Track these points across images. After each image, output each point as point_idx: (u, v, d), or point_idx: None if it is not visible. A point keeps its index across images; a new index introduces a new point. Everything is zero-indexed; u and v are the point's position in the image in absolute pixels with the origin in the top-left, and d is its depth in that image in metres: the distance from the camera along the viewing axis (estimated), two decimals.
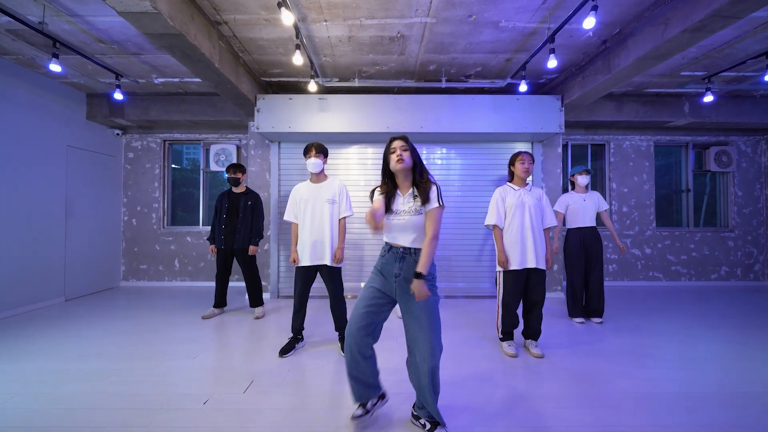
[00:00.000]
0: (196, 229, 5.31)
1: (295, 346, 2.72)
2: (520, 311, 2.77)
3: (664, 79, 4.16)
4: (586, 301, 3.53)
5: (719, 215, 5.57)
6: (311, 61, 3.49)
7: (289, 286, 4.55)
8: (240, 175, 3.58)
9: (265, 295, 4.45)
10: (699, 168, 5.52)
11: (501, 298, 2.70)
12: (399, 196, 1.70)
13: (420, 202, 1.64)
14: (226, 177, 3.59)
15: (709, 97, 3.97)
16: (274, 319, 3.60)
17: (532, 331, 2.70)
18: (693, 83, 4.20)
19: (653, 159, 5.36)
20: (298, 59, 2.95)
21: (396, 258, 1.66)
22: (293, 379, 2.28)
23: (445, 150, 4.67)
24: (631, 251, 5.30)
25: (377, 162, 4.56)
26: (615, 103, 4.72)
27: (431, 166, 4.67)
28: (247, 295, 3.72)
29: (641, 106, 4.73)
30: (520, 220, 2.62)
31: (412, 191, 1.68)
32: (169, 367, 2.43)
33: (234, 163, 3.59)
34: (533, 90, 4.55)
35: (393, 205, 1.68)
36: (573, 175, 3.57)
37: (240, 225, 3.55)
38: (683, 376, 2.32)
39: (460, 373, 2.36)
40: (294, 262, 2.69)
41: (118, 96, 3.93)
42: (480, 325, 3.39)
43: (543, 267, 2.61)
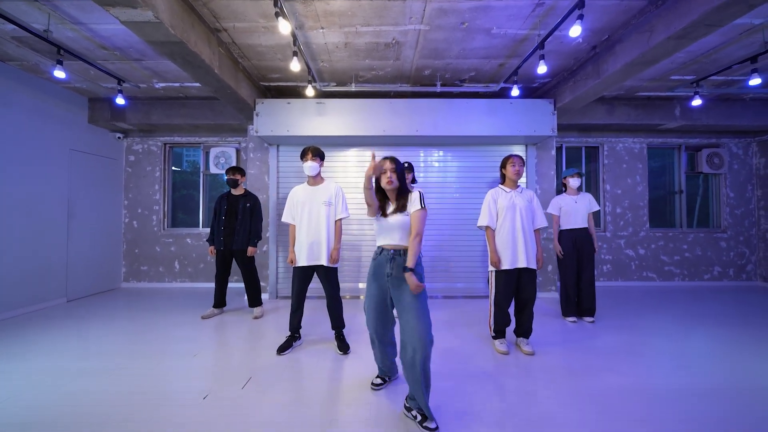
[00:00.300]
0: (196, 230, 5.38)
1: (293, 344, 2.79)
2: (512, 310, 2.85)
3: (654, 83, 4.25)
4: (579, 300, 3.60)
5: (712, 216, 5.65)
6: (308, 67, 3.57)
7: (288, 287, 4.62)
8: (239, 177, 3.66)
9: (264, 296, 4.52)
10: (691, 170, 5.62)
11: (493, 297, 2.78)
12: (390, 205, 1.97)
13: (404, 207, 1.91)
14: (226, 179, 3.67)
15: (697, 101, 4.06)
16: (272, 319, 3.67)
17: (524, 330, 2.77)
18: (683, 87, 4.29)
19: (646, 161, 5.45)
20: (296, 65, 3.03)
21: (387, 259, 1.92)
22: (290, 375, 2.34)
23: (442, 153, 4.76)
24: (625, 252, 5.38)
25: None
26: (607, 107, 4.81)
27: (429, 169, 4.75)
28: (246, 296, 3.78)
29: (633, 110, 4.82)
30: (512, 221, 2.70)
31: (398, 201, 1.95)
32: (169, 365, 2.50)
33: (233, 166, 3.67)
34: (527, 94, 4.64)
35: (385, 209, 1.96)
36: (565, 177, 3.65)
37: (239, 226, 3.62)
38: (671, 372, 2.39)
39: (452, 369, 2.43)
40: (291, 262, 2.76)
41: (120, 101, 4.02)
42: (475, 324, 3.46)
43: (534, 267, 2.69)
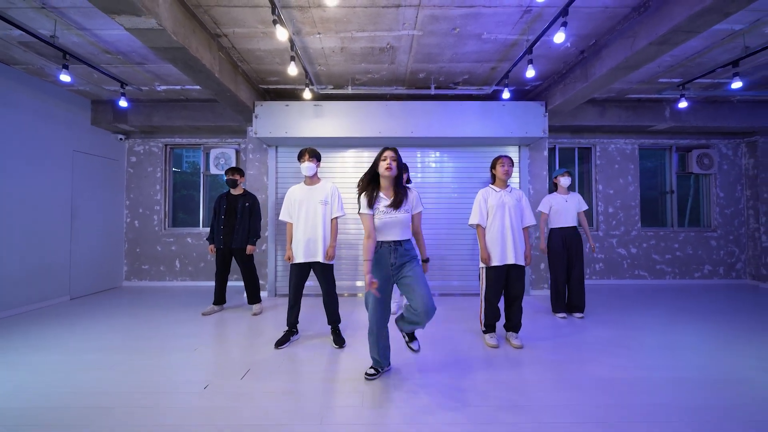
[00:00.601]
0: (196, 230, 5.49)
1: (290, 338, 2.89)
2: (502, 305, 2.96)
3: (643, 85, 4.37)
4: (568, 297, 3.70)
5: (702, 216, 5.76)
6: (306, 70, 3.69)
7: (286, 285, 4.70)
8: (238, 177, 3.76)
9: (263, 294, 4.63)
10: (682, 170, 5.73)
11: (484, 292, 2.88)
12: (382, 198, 2.08)
13: (402, 206, 2.06)
14: (225, 179, 3.77)
15: (683, 103, 4.18)
16: (271, 316, 3.77)
17: (513, 324, 2.87)
18: (671, 90, 4.40)
19: (638, 162, 5.56)
20: (293, 69, 3.14)
21: (389, 251, 2.09)
22: (287, 368, 2.44)
23: (438, 154, 4.87)
24: (617, 251, 5.49)
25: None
26: (598, 109, 4.92)
27: (425, 169, 4.87)
28: (245, 293, 3.89)
29: (623, 111, 4.94)
30: (501, 219, 2.80)
31: (395, 198, 2.07)
32: (170, 359, 2.59)
33: (233, 167, 3.77)
34: (519, 96, 4.75)
35: (378, 204, 2.07)
36: (556, 177, 3.76)
37: (238, 225, 3.73)
38: (653, 363, 2.49)
39: (443, 361, 2.53)
40: (289, 259, 2.86)
41: (123, 103, 4.13)
42: (468, 320, 3.55)
43: (522, 263, 2.79)
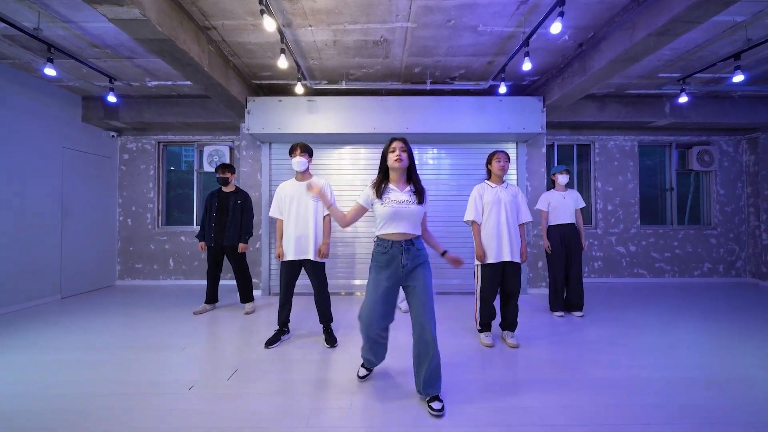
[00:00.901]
0: (190, 228, 5.41)
1: (281, 338, 2.83)
2: (497, 304, 2.89)
3: (642, 80, 4.29)
4: (567, 295, 3.64)
5: (702, 213, 5.69)
6: (298, 65, 3.61)
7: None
8: (229, 174, 3.68)
9: (256, 292, 4.56)
10: (682, 167, 5.66)
11: (479, 290, 2.81)
12: (393, 190, 1.95)
13: (418, 198, 1.95)
14: (216, 177, 3.69)
15: (683, 98, 4.10)
16: (264, 315, 3.70)
17: (508, 323, 2.80)
18: (671, 84, 4.33)
19: (637, 158, 5.49)
20: (283, 63, 3.07)
21: (400, 251, 1.91)
22: (276, 368, 2.38)
23: (435, 150, 4.79)
24: (616, 248, 5.42)
25: (369, 162, 4.68)
26: (597, 104, 4.85)
27: (423, 166, 4.79)
28: (238, 292, 3.82)
29: (623, 107, 4.86)
30: (497, 216, 2.74)
31: (410, 188, 1.97)
32: (157, 358, 2.53)
33: (223, 164, 3.69)
34: (516, 92, 4.68)
35: (387, 195, 1.93)
36: (554, 174, 3.69)
37: (230, 223, 3.65)
38: (653, 363, 2.42)
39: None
40: (279, 256, 2.80)
41: (112, 99, 4.05)
42: (464, 318, 3.49)
43: (518, 260, 2.73)
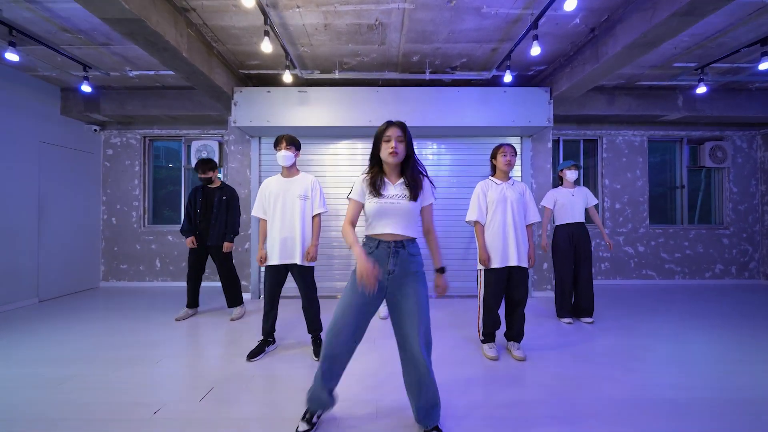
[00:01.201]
0: (177, 227, 5.15)
1: (265, 349, 2.58)
2: (502, 312, 2.64)
3: (656, 71, 4.03)
4: (575, 300, 3.40)
5: (714, 212, 5.44)
6: (286, 51, 3.33)
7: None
8: (211, 173, 3.40)
9: (246, 296, 4.31)
10: (693, 164, 5.40)
11: (482, 297, 2.57)
12: (388, 184, 1.61)
13: (411, 193, 1.58)
14: (199, 177, 3.41)
15: (702, 89, 3.84)
16: (252, 321, 3.45)
17: (514, 333, 2.56)
18: (686, 75, 4.06)
19: (647, 155, 5.23)
20: (267, 46, 2.79)
21: (388, 254, 1.55)
22: (258, 385, 2.13)
23: (435, 145, 4.53)
24: (624, 249, 5.18)
25: (366, 157, 4.41)
26: (607, 97, 4.59)
27: (422, 162, 4.52)
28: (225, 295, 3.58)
29: (634, 100, 4.60)
30: (502, 215, 2.49)
31: (403, 181, 1.62)
32: (126, 374, 2.28)
33: (202, 159, 3.38)
34: (522, 83, 4.41)
35: (382, 191, 1.58)
36: (561, 170, 3.44)
37: (214, 221, 3.39)
38: (674, 381, 2.18)
39: (438, 376, 2.21)
40: (261, 261, 2.55)
41: (86, 88, 3.78)
42: (466, 326, 3.24)
43: (525, 265, 2.48)
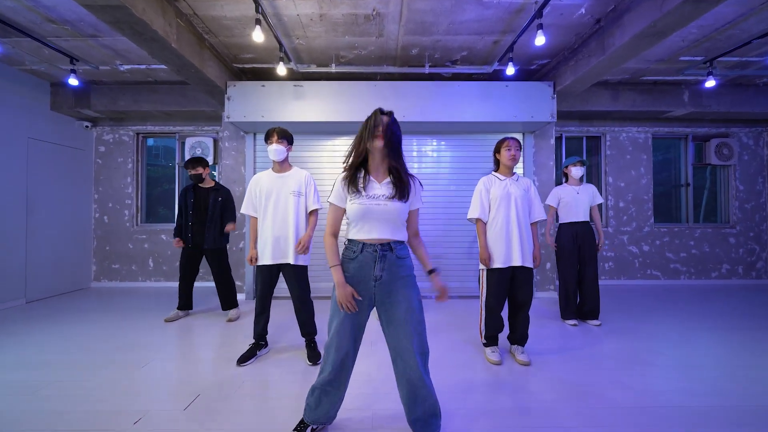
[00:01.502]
0: (171, 226, 5.02)
1: (257, 353, 2.46)
2: (505, 314, 2.53)
3: (662, 65, 3.91)
4: (580, 301, 3.28)
5: (720, 211, 5.33)
6: (279, 42, 3.20)
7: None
8: (201, 169, 3.27)
9: (241, 296, 4.19)
10: (699, 161, 5.28)
11: (484, 299, 2.45)
12: (373, 182, 1.47)
13: (399, 193, 1.43)
14: (189, 174, 3.28)
15: (711, 82, 3.72)
16: (247, 323, 3.31)
17: (518, 336, 2.44)
18: (693, 69, 3.94)
19: (651, 152, 5.11)
20: (259, 36, 2.67)
21: (374, 258, 1.42)
22: (248, 392, 2.01)
23: (435, 141, 4.42)
24: (628, 248, 5.06)
25: None
26: (611, 92, 4.47)
27: (422, 158, 4.42)
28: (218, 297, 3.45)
29: (638, 95, 4.48)
30: (506, 213, 2.37)
31: (390, 180, 1.47)
32: (110, 378, 2.16)
33: (192, 158, 3.26)
34: (524, 77, 4.29)
35: (364, 188, 1.44)
36: (566, 166, 3.32)
37: (209, 223, 3.27)
38: (684, 386, 2.07)
39: (437, 382, 2.09)
40: (252, 261, 2.43)
41: (73, 81, 3.66)
42: (467, 328, 3.12)
43: (530, 265, 2.36)
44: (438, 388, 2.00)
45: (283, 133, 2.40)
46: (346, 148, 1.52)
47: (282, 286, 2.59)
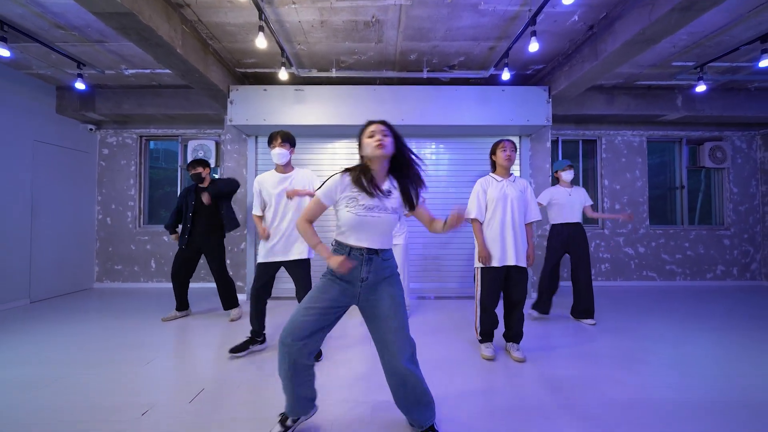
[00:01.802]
0: None
1: (249, 347, 2.53)
2: (501, 311, 2.59)
3: (655, 70, 4.01)
4: (575, 301, 3.35)
5: (714, 213, 5.41)
6: (281, 47, 3.30)
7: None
8: (201, 169, 3.33)
9: (241, 297, 4.25)
10: (693, 164, 5.37)
11: (478, 296, 2.52)
12: (373, 190, 1.48)
13: (396, 198, 1.51)
14: (190, 174, 3.36)
15: (701, 87, 3.81)
16: (248, 322, 3.38)
17: (513, 333, 2.50)
18: (685, 74, 4.04)
19: (646, 155, 5.20)
20: (262, 42, 2.76)
21: (361, 261, 1.47)
22: (250, 385, 2.07)
23: (434, 144, 4.51)
24: (624, 250, 5.13)
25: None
26: (606, 96, 4.56)
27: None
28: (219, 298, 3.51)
29: (633, 99, 4.58)
30: (502, 214, 2.44)
31: (388, 183, 1.53)
32: (116, 374, 2.22)
33: (195, 159, 3.35)
34: (520, 82, 4.39)
35: (368, 194, 1.46)
36: (557, 171, 3.40)
37: (207, 220, 3.34)
38: (676, 382, 2.13)
39: (432, 381, 2.16)
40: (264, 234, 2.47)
41: (80, 86, 3.74)
42: (464, 327, 3.18)
43: (524, 264, 2.43)
44: (434, 383, 2.08)
45: (286, 137, 2.48)
46: (346, 150, 1.60)
47: (281, 286, 2.64)
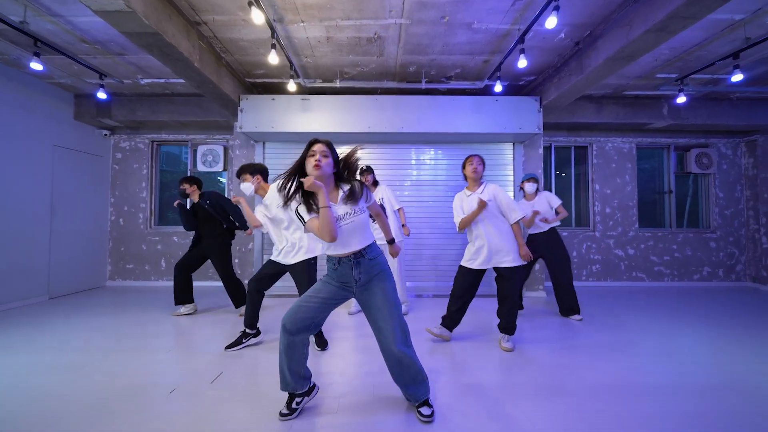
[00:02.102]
0: (182, 228, 5.33)
1: (243, 341, 2.70)
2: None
3: (640, 81, 4.25)
4: (560, 302, 3.54)
5: (701, 216, 5.64)
6: (290, 61, 3.55)
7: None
8: (186, 186, 3.52)
9: None
10: (681, 170, 5.61)
11: (453, 287, 2.81)
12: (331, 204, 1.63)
13: (353, 200, 1.67)
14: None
15: (682, 98, 4.05)
16: (262, 317, 3.55)
17: (502, 326, 2.70)
18: (668, 85, 4.28)
19: (635, 161, 5.44)
20: (274, 58, 3.01)
21: (351, 266, 1.69)
22: (264, 370, 2.29)
23: (432, 151, 4.74)
24: (615, 252, 5.35)
25: (366, 162, 4.59)
26: (595, 105, 4.81)
27: (420, 167, 4.73)
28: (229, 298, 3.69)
29: (621, 108, 4.82)
30: (482, 226, 2.64)
31: (342, 193, 1.69)
32: (140, 361, 2.44)
33: (186, 177, 3.56)
34: (513, 92, 4.63)
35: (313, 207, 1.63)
36: (521, 183, 3.61)
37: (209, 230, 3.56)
38: (652, 369, 2.34)
39: (431, 366, 2.38)
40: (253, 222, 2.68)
41: (102, 95, 3.99)
42: (463, 324, 3.37)
43: (509, 264, 2.59)
44: (430, 369, 2.29)
45: (248, 169, 2.66)
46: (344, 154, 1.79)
47: (284, 285, 2.83)
